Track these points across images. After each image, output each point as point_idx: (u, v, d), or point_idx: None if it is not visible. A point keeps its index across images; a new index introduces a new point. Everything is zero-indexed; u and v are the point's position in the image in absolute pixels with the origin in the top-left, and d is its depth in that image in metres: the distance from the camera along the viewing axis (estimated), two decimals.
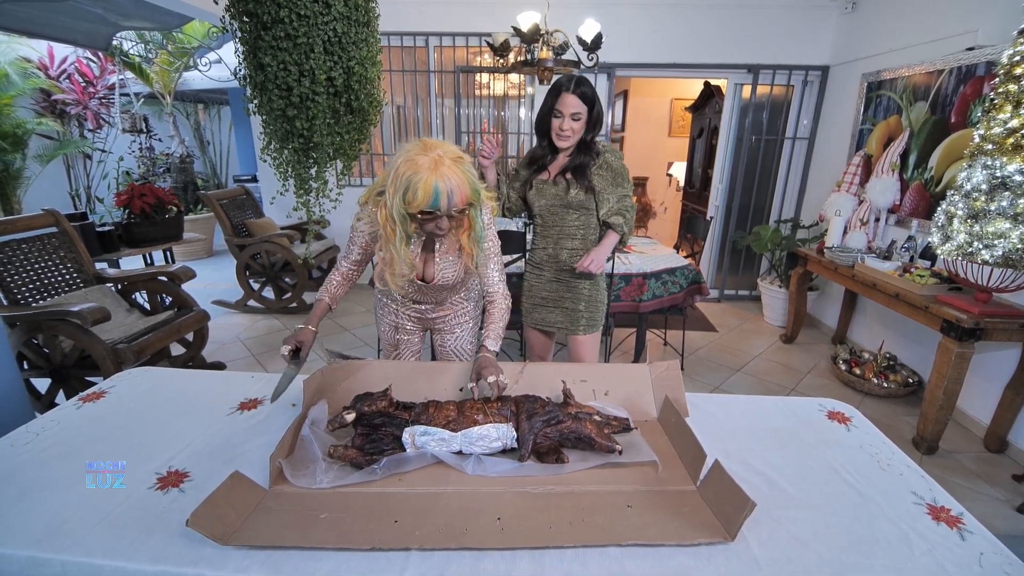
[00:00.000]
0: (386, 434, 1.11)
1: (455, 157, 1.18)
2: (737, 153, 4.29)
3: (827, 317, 3.92)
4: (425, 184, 1.13)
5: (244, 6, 1.83)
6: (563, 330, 1.89)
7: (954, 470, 2.29)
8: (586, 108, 1.66)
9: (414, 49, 4.28)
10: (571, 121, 1.66)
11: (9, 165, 4.58)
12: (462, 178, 1.17)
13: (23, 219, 2.52)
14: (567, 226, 1.80)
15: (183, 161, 5.91)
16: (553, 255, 1.84)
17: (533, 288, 1.93)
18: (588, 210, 1.78)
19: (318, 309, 1.41)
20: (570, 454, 1.11)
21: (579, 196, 1.74)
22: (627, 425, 1.20)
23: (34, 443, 1.15)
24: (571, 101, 1.64)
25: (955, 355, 2.19)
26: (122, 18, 3.43)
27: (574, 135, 1.69)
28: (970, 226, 2.02)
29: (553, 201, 1.78)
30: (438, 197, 1.14)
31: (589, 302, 1.86)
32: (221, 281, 4.84)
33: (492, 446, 1.10)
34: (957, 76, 2.71)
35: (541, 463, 1.08)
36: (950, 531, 0.92)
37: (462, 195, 1.18)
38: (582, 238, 1.81)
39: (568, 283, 1.84)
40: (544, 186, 1.79)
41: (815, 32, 3.92)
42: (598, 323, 1.91)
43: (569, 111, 1.65)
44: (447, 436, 1.10)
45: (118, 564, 0.83)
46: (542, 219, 1.84)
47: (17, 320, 2.19)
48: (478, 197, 1.24)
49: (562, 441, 1.12)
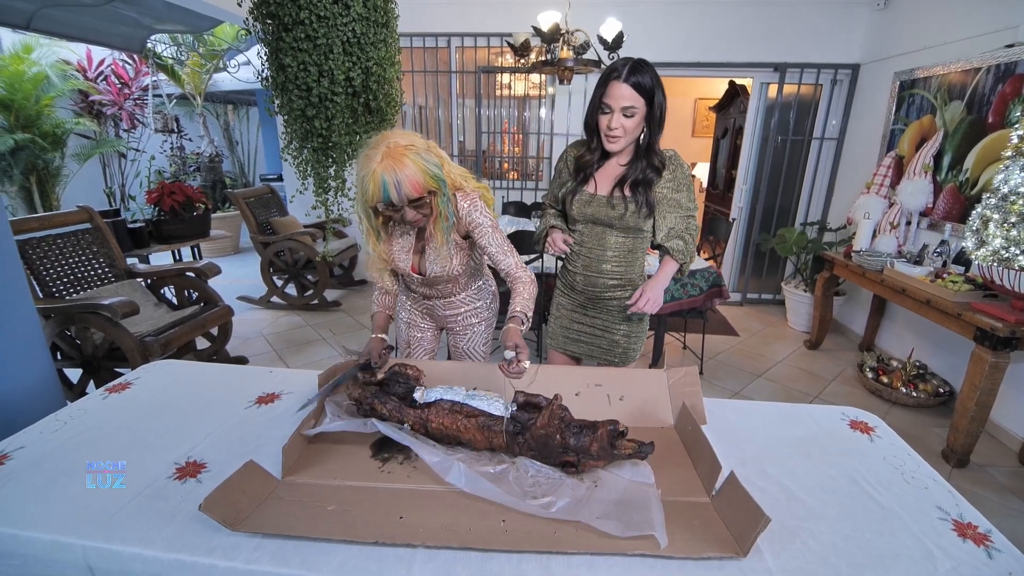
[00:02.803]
0: (398, 393, 1.16)
1: (405, 145, 1.16)
2: (762, 154, 4.20)
3: (854, 323, 3.81)
4: (373, 177, 1.14)
5: (267, 8, 1.87)
6: (596, 360, 1.66)
7: (986, 485, 2.20)
8: (644, 101, 1.34)
9: (436, 50, 4.31)
10: (622, 118, 1.36)
11: (49, 163, 4.77)
12: (412, 167, 1.15)
13: (59, 215, 2.63)
14: (609, 247, 1.52)
15: (212, 160, 6.07)
16: (590, 280, 1.57)
17: (564, 313, 1.68)
18: (642, 233, 1.50)
19: (378, 319, 1.47)
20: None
21: (635, 219, 1.45)
22: (643, 450, 1.02)
23: (62, 431, 1.19)
24: (623, 92, 1.33)
25: (989, 365, 2.11)
26: (155, 21, 3.55)
27: (626, 135, 1.39)
28: (1007, 230, 1.94)
29: (600, 219, 1.49)
30: (387, 188, 1.14)
31: (630, 335, 1.61)
32: (246, 277, 4.95)
33: (492, 408, 1.10)
34: (995, 74, 2.60)
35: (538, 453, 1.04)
36: (977, 549, 0.88)
37: (412, 184, 1.16)
38: (628, 266, 1.54)
39: (606, 312, 1.60)
40: (592, 200, 1.49)
41: (845, 30, 3.81)
42: (637, 351, 1.65)
43: (619, 105, 1.34)
44: (458, 389, 1.13)
45: (135, 550, 0.85)
46: (580, 236, 1.56)
47: (52, 312, 2.28)
48: (438, 184, 1.22)
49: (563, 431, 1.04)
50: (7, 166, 4.50)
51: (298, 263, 4.13)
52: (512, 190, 4.62)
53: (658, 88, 1.35)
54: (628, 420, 1.27)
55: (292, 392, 1.38)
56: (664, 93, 1.37)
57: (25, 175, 4.65)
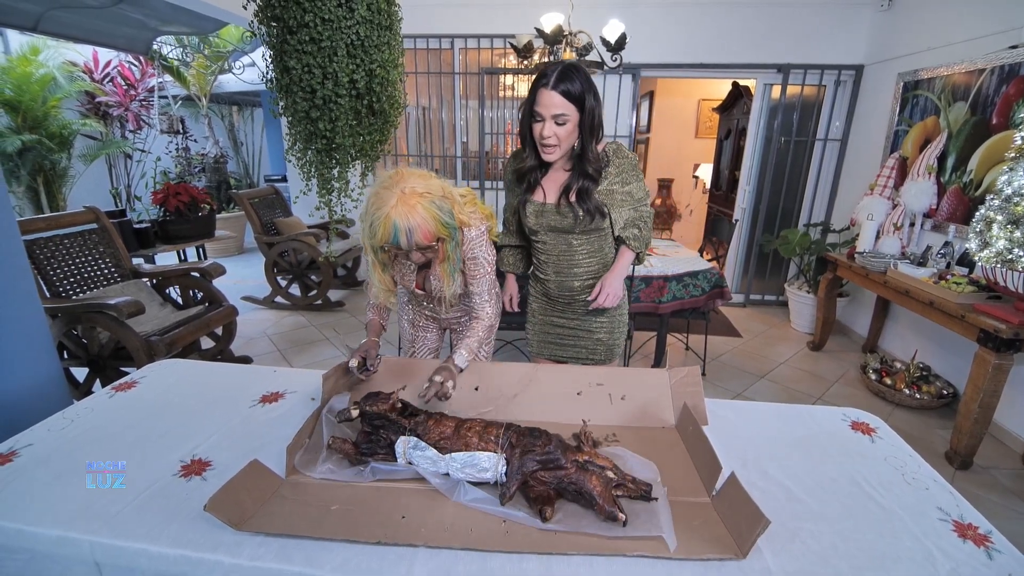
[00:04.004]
0: (384, 437, 1.08)
1: (421, 192, 1.13)
2: (765, 155, 4.19)
3: (857, 324, 3.80)
4: (385, 221, 1.11)
5: (271, 11, 1.89)
6: (580, 361, 1.65)
7: (989, 487, 2.19)
8: (574, 108, 1.29)
9: (439, 51, 4.32)
10: (555, 125, 1.31)
11: (56, 164, 4.80)
12: (425, 215, 1.12)
13: (66, 216, 2.65)
14: (576, 250, 1.50)
15: (217, 161, 6.11)
16: (563, 284, 1.55)
17: (542, 321, 1.66)
18: (602, 231, 1.48)
19: (373, 325, 1.44)
20: (567, 507, 0.96)
21: (587, 223, 1.43)
22: (645, 492, 0.96)
23: (69, 429, 1.20)
24: (553, 100, 1.28)
25: (992, 366, 2.10)
26: (161, 23, 3.57)
27: (560, 144, 1.34)
28: (1010, 232, 1.93)
29: (556, 227, 1.47)
30: (397, 234, 1.12)
31: (610, 331, 1.60)
32: (250, 278, 4.98)
33: (482, 476, 1.00)
34: (999, 75, 2.60)
35: (530, 508, 0.95)
36: (977, 549, 0.88)
37: (424, 233, 1.13)
38: (599, 262, 1.53)
39: (583, 313, 1.58)
40: (542, 209, 1.47)
41: (849, 31, 3.81)
42: (620, 345, 1.66)
43: (550, 113, 1.29)
44: (434, 456, 1.02)
45: (141, 547, 0.86)
46: (544, 245, 1.52)
47: (58, 312, 2.30)
48: (449, 232, 1.20)
49: (561, 490, 0.96)
50: (14, 167, 4.54)
51: (302, 263, 4.15)
52: None
53: (589, 94, 1.30)
54: (629, 420, 1.28)
55: (295, 391, 1.39)
56: (597, 97, 1.33)
57: (32, 176, 4.69)
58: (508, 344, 3.28)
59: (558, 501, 0.96)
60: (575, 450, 1.01)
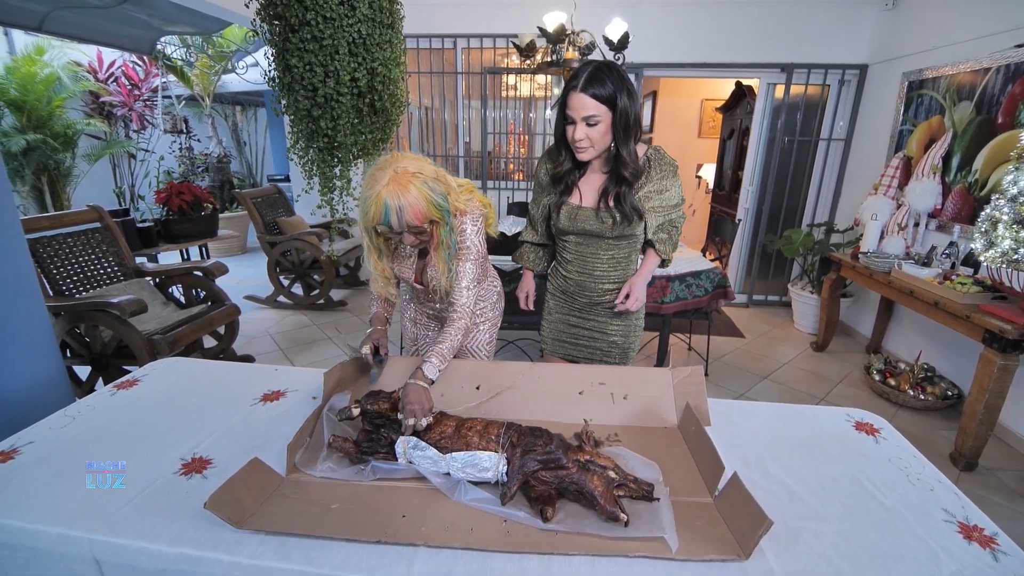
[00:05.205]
0: (384, 436, 1.08)
1: (413, 172, 1.13)
2: (769, 155, 4.18)
3: (861, 325, 3.78)
4: (376, 200, 1.12)
5: (273, 10, 1.89)
6: (596, 362, 1.62)
7: (994, 488, 2.17)
8: (606, 109, 1.27)
9: (442, 51, 4.32)
10: (586, 127, 1.30)
11: (60, 164, 4.82)
12: (416, 195, 1.13)
13: (70, 215, 2.66)
14: (603, 255, 1.49)
15: (220, 161, 6.12)
16: (584, 285, 1.54)
17: (558, 320, 1.65)
18: (634, 237, 1.46)
19: (378, 315, 1.46)
20: (569, 507, 0.95)
21: (624, 227, 1.41)
22: (647, 492, 0.95)
23: (70, 427, 1.21)
24: (583, 103, 1.27)
25: (998, 367, 2.08)
26: (165, 23, 3.59)
27: (594, 145, 1.33)
28: (1016, 232, 1.92)
29: (589, 230, 1.45)
30: (388, 213, 1.12)
31: (626, 334, 1.58)
32: (253, 277, 4.99)
33: (482, 476, 0.99)
34: (1005, 74, 2.58)
35: (531, 508, 0.95)
36: (982, 551, 0.87)
37: (415, 212, 1.14)
38: (623, 268, 1.51)
39: (601, 312, 1.58)
40: (579, 212, 1.45)
41: (853, 30, 3.79)
42: (635, 349, 1.63)
43: (580, 115, 1.28)
44: (435, 456, 1.02)
45: (141, 545, 0.86)
46: (572, 246, 1.52)
47: (61, 310, 2.30)
48: (442, 215, 1.20)
49: (562, 490, 0.96)
50: (19, 166, 4.55)
51: (304, 263, 4.15)
52: (517, 191, 4.63)
53: (622, 93, 1.26)
54: (631, 419, 1.27)
55: (297, 390, 1.39)
56: (632, 95, 1.29)
57: (37, 175, 4.71)
58: (510, 344, 3.28)
59: (559, 501, 0.96)
60: (576, 450, 1.00)
